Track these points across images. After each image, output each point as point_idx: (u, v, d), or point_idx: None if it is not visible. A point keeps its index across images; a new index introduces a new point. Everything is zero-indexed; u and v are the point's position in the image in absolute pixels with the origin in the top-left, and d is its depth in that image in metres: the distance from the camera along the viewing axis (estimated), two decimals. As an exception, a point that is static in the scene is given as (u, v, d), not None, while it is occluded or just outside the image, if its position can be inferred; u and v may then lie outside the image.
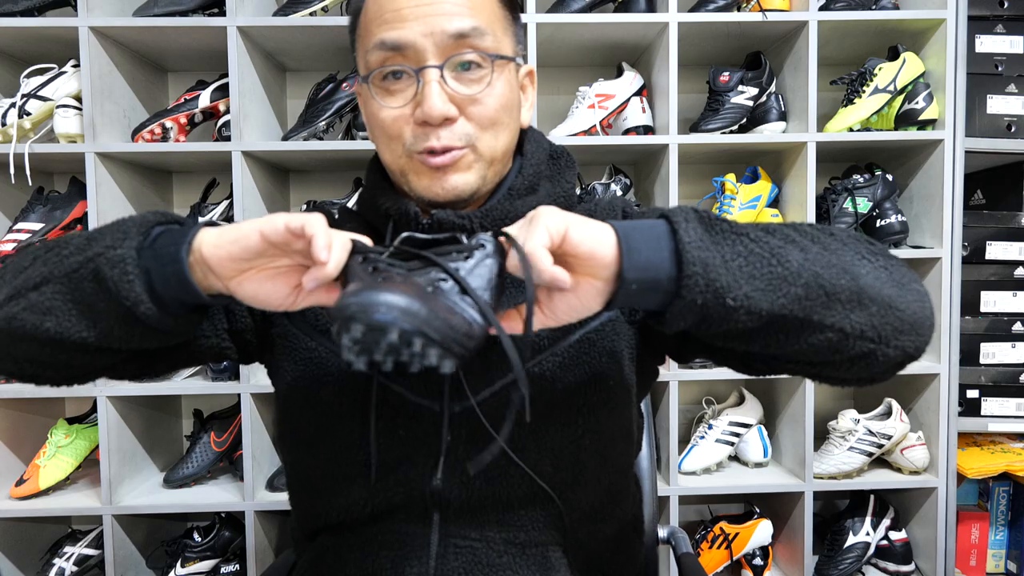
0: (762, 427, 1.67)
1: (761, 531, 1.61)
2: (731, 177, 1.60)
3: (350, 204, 1.57)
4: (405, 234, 0.58)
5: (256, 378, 1.49)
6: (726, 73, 1.57)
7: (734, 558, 1.60)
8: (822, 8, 1.54)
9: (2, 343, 0.61)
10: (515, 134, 0.74)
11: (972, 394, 1.59)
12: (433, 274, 0.52)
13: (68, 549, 1.55)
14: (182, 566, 1.53)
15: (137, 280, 0.55)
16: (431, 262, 0.53)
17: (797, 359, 0.60)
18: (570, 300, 0.54)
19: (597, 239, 0.53)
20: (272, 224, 0.53)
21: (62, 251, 0.59)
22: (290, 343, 0.74)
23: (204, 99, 1.54)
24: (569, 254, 0.53)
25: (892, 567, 1.61)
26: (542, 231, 0.52)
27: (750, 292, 0.53)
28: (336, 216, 0.82)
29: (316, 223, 0.52)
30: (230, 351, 0.76)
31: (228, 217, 1.56)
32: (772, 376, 0.84)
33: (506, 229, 0.56)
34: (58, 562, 1.53)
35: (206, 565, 1.55)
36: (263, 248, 0.54)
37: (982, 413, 1.60)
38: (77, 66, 1.47)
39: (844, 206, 1.59)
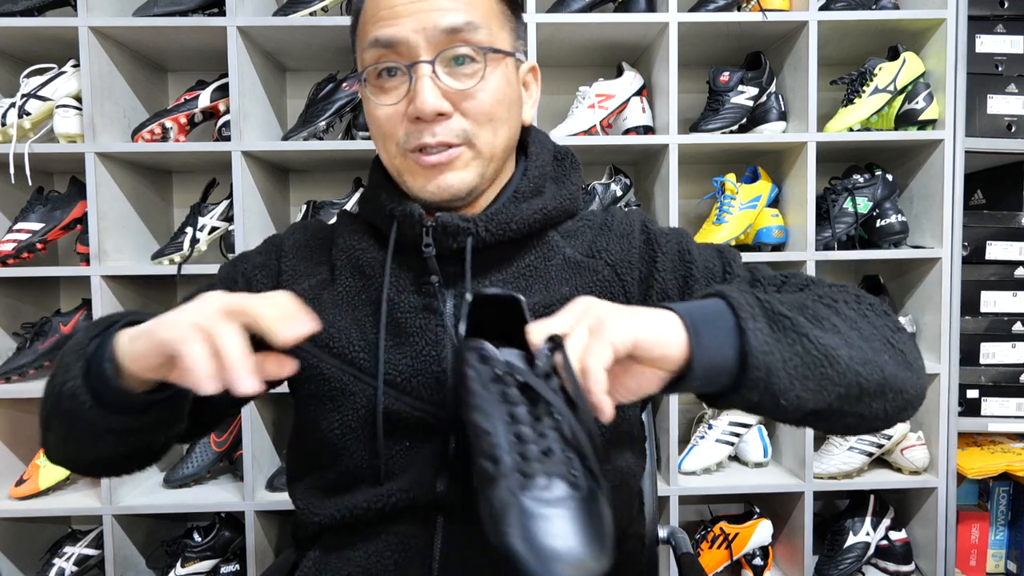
0: (762, 427, 1.66)
1: (761, 531, 1.61)
2: (731, 177, 1.60)
3: (349, 206, 1.57)
4: (470, 296, 0.59)
5: (256, 378, 1.49)
6: (726, 73, 1.57)
7: (734, 558, 1.60)
8: (822, 8, 1.54)
9: (61, 462, 0.68)
10: (515, 131, 0.73)
11: (972, 394, 1.59)
12: (548, 415, 0.50)
13: (68, 549, 1.55)
14: (182, 566, 1.53)
15: (91, 402, 0.58)
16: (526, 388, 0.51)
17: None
18: (629, 385, 0.54)
19: (666, 341, 0.53)
20: (162, 345, 0.53)
21: (49, 388, 0.63)
22: (296, 352, 0.73)
23: (204, 99, 1.54)
24: (638, 358, 0.53)
25: (892, 567, 1.61)
26: (605, 347, 0.50)
27: (801, 393, 0.55)
28: (334, 222, 0.82)
29: (194, 359, 0.49)
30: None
31: (228, 217, 1.56)
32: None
33: (560, 323, 0.54)
34: (58, 562, 1.53)
35: (206, 565, 1.55)
36: (168, 360, 0.54)
37: (982, 413, 1.60)
38: (77, 66, 1.47)
39: (844, 206, 1.59)
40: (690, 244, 0.76)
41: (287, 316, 0.53)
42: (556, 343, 0.52)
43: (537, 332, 0.53)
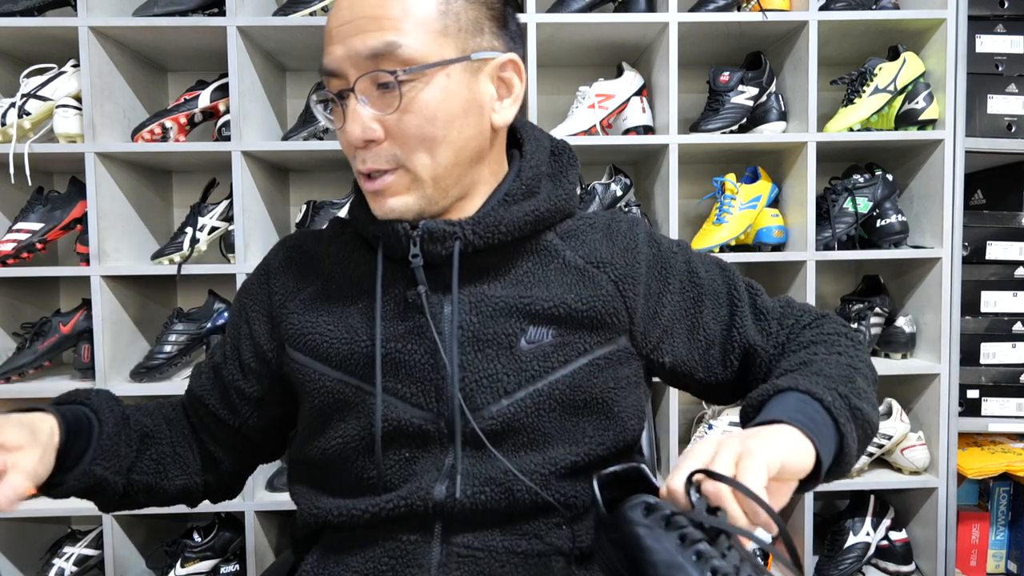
0: (762, 427, 1.66)
1: (760, 531, 1.61)
2: (731, 177, 1.60)
3: (347, 209, 1.57)
4: (596, 482, 0.57)
5: (256, 378, 1.49)
6: (726, 73, 1.57)
7: (734, 558, 1.60)
8: (822, 8, 1.54)
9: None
10: (470, 142, 0.69)
11: (972, 394, 1.59)
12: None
13: (68, 549, 1.54)
14: (182, 566, 1.53)
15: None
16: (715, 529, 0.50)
17: None
18: (774, 502, 0.56)
19: (803, 457, 0.57)
20: None
21: None
22: (300, 369, 0.74)
23: (204, 99, 1.54)
24: (779, 476, 0.55)
25: (892, 567, 1.60)
26: (760, 467, 0.52)
27: (856, 463, 0.67)
28: (323, 230, 0.82)
29: None
30: (280, 414, 0.82)
31: (228, 217, 1.56)
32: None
33: (695, 462, 0.54)
34: (58, 562, 1.53)
35: (206, 565, 1.54)
36: None
37: (982, 413, 1.60)
38: (77, 66, 1.47)
39: (844, 206, 1.59)
40: (695, 262, 0.77)
41: None
42: (692, 483, 0.52)
43: (676, 479, 0.54)
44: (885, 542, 1.61)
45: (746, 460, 0.52)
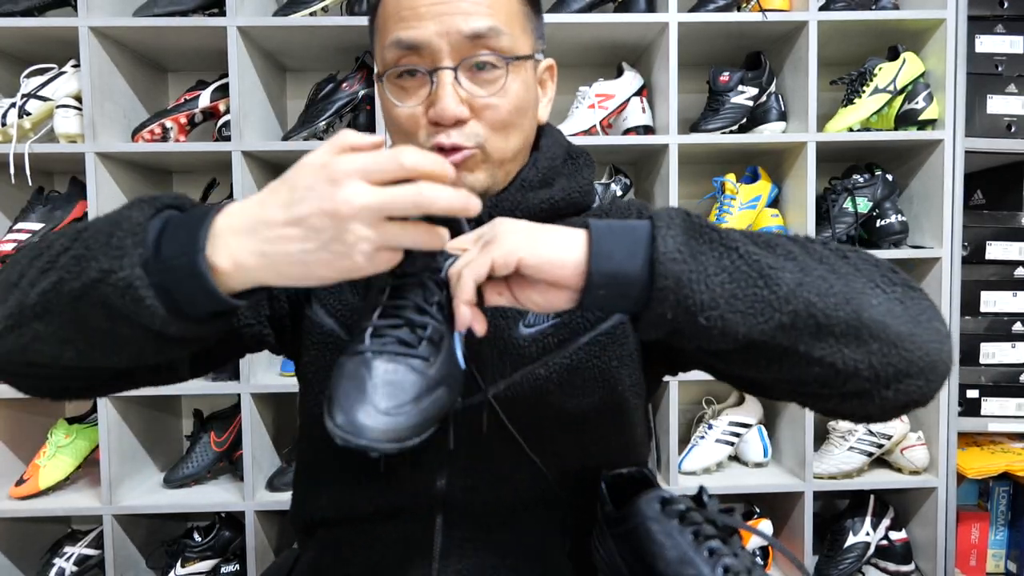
0: (762, 427, 1.66)
1: (766, 524, 1.61)
2: (731, 177, 1.60)
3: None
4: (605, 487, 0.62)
5: (256, 378, 1.49)
6: (726, 73, 1.57)
7: (734, 558, 1.60)
8: (822, 8, 1.54)
9: (18, 369, 0.57)
10: (530, 134, 0.74)
11: (972, 394, 1.59)
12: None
13: (68, 549, 1.55)
14: (182, 566, 1.53)
15: (156, 303, 0.48)
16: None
17: (782, 386, 0.58)
18: (536, 299, 0.54)
19: (558, 258, 0.51)
20: (352, 259, 0.48)
21: (54, 274, 0.51)
22: (311, 325, 0.74)
23: (204, 99, 1.54)
24: (531, 277, 0.52)
25: (892, 567, 1.61)
26: (484, 260, 0.51)
27: (727, 313, 0.49)
28: None
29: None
30: (269, 337, 0.76)
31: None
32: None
33: (463, 243, 0.55)
34: (58, 562, 1.53)
35: (206, 565, 1.54)
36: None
37: (982, 413, 1.60)
38: (77, 66, 1.47)
39: (844, 206, 1.59)
40: None
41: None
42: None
43: (450, 242, 0.55)
44: (885, 542, 1.61)
45: (480, 252, 0.52)
